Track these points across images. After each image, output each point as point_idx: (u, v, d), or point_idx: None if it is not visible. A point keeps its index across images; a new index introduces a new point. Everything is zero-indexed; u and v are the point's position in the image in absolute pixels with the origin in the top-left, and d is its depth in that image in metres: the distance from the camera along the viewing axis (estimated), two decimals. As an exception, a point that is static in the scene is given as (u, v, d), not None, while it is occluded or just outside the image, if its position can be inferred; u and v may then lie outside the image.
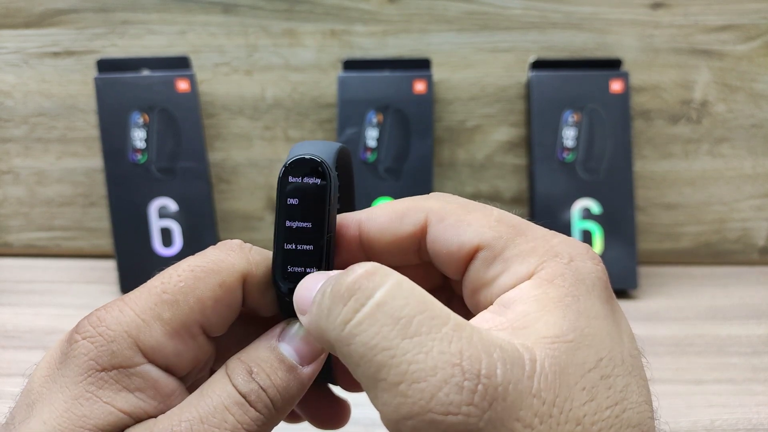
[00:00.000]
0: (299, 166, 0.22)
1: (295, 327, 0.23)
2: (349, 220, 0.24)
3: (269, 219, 0.67)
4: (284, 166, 0.22)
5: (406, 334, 0.16)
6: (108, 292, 0.60)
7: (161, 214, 0.60)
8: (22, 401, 0.21)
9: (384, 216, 0.23)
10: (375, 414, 0.43)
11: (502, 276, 0.21)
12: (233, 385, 0.21)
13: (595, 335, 0.18)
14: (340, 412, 0.28)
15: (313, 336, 0.20)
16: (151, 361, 0.21)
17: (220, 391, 0.21)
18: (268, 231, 0.68)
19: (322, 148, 0.23)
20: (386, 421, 0.17)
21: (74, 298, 0.58)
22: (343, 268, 0.20)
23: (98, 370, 0.20)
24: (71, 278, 0.63)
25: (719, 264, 0.67)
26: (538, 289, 0.19)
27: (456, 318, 0.17)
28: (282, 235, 0.22)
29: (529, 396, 0.16)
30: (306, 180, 0.22)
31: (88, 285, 0.61)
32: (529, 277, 0.20)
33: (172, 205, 0.61)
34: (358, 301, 0.17)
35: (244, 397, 0.21)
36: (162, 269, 0.23)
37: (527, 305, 0.19)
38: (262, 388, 0.21)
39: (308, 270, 0.22)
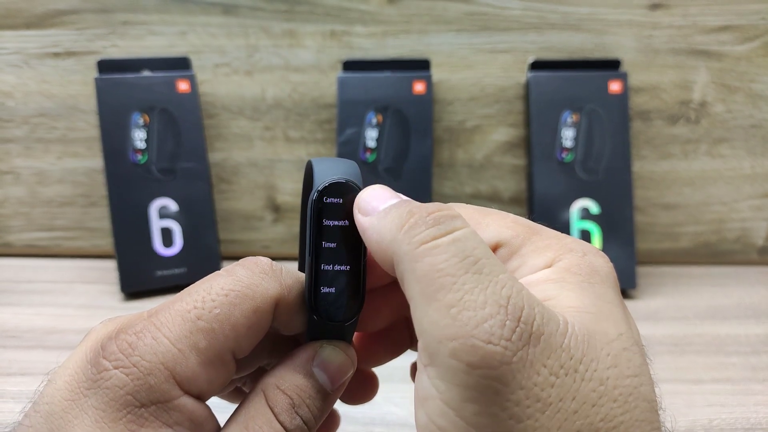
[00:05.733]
0: (335, 190, 0.22)
1: (327, 351, 0.23)
2: None
3: (269, 219, 0.68)
4: (317, 190, 0.22)
5: (470, 269, 0.18)
6: (108, 292, 0.60)
7: (161, 214, 0.61)
8: (41, 422, 0.20)
9: None
10: (373, 413, 0.43)
11: (519, 270, 0.22)
12: (280, 422, 0.21)
13: (612, 314, 0.20)
14: (368, 386, 0.28)
15: (371, 239, 0.21)
16: (186, 391, 0.20)
17: (268, 429, 0.21)
18: (267, 231, 0.68)
19: (344, 168, 0.23)
20: (428, 339, 0.18)
21: (74, 298, 0.59)
22: (372, 286, 0.23)
23: (137, 406, 0.19)
24: (71, 278, 0.63)
25: (718, 264, 0.67)
26: (557, 274, 0.21)
27: (512, 275, 0.19)
28: (321, 258, 0.22)
29: (558, 349, 0.18)
30: (344, 202, 0.22)
31: (88, 285, 0.61)
32: (546, 268, 0.21)
33: (172, 206, 0.61)
34: (440, 230, 0.19)
35: None
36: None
37: (547, 285, 0.20)
38: (304, 421, 0.22)
39: (346, 293, 0.23)
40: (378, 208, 0.21)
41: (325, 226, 0.22)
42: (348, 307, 0.23)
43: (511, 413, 0.17)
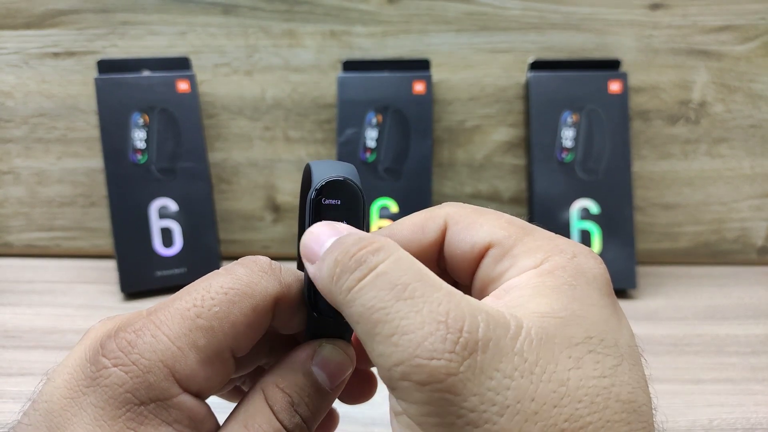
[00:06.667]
0: (333, 188, 0.22)
1: (327, 350, 0.23)
2: None
3: (269, 219, 0.68)
4: (315, 189, 0.22)
5: (400, 297, 0.18)
6: (108, 292, 0.60)
7: (161, 214, 0.61)
8: (40, 420, 0.20)
9: (406, 229, 0.24)
10: (373, 413, 0.43)
11: (509, 271, 0.22)
12: (279, 420, 0.21)
13: (587, 318, 0.19)
14: (367, 385, 0.28)
15: (320, 289, 0.21)
16: (185, 389, 0.20)
17: (267, 427, 0.21)
18: (267, 231, 0.68)
19: (342, 168, 0.23)
20: (381, 370, 0.18)
21: (74, 298, 0.59)
22: None
23: (136, 404, 0.19)
24: (71, 278, 0.63)
25: (718, 264, 0.67)
26: (538, 278, 0.21)
27: (449, 287, 0.19)
28: None
29: (510, 353, 0.18)
30: (341, 201, 0.23)
31: (88, 285, 0.61)
32: (533, 269, 0.21)
33: (172, 206, 0.61)
34: (362, 271, 0.19)
35: None
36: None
37: (524, 290, 0.20)
38: (303, 419, 0.22)
39: None
40: (318, 254, 0.21)
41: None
42: None
43: (467, 420, 0.17)
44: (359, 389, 0.27)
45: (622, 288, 0.60)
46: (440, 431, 0.17)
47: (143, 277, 0.60)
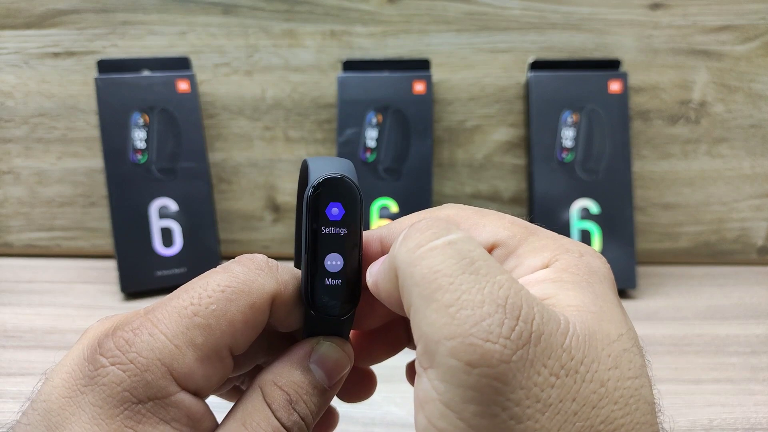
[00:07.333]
0: (332, 186, 0.22)
1: (324, 347, 0.23)
2: (370, 238, 0.24)
3: (269, 219, 0.68)
4: (312, 186, 0.22)
5: (467, 270, 0.18)
6: (108, 292, 0.60)
7: (161, 214, 0.61)
8: (38, 420, 0.20)
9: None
10: (373, 413, 0.43)
11: (516, 270, 0.22)
12: (277, 418, 0.21)
13: (613, 314, 0.19)
14: (366, 383, 0.28)
15: (379, 281, 0.21)
16: (184, 388, 0.20)
17: (265, 426, 0.21)
18: (267, 231, 0.68)
19: (339, 165, 0.23)
20: (427, 340, 0.18)
21: (74, 298, 0.59)
22: (366, 286, 0.23)
23: (134, 402, 0.19)
24: (71, 278, 0.63)
25: (718, 264, 0.67)
26: (555, 274, 0.20)
27: (510, 275, 0.19)
28: (319, 253, 0.22)
29: (559, 348, 0.17)
30: (339, 199, 0.22)
31: (88, 285, 0.61)
32: (543, 268, 0.21)
33: (172, 205, 0.61)
34: (435, 234, 0.19)
35: (287, 430, 0.21)
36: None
37: (545, 285, 0.20)
38: (301, 417, 0.22)
39: (342, 287, 0.23)
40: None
41: (321, 222, 0.22)
42: (344, 302, 0.23)
43: (511, 413, 0.17)
44: (358, 387, 0.27)
45: (622, 288, 0.60)
46: (480, 422, 0.17)
47: (143, 277, 0.60)
